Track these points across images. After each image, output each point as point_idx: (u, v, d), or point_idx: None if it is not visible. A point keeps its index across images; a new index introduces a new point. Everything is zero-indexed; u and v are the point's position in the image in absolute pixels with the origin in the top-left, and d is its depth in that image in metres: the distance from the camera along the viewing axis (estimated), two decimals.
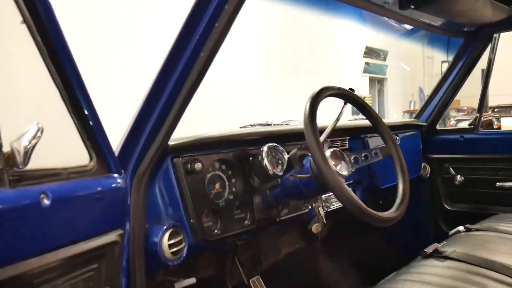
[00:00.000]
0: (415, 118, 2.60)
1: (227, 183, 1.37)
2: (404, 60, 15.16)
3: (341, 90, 1.32)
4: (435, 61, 16.27)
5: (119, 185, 0.99)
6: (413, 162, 2.34)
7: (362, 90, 12.57)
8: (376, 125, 1.39)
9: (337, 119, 1.37)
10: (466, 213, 2.36)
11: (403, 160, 1.35)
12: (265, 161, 1.35)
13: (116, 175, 0.99)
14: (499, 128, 8.03)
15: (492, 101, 12.65)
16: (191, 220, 1.21)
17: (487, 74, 2.34)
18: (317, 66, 10.47)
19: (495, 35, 2.24)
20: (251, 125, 2.54)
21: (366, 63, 12.64)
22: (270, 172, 1.35)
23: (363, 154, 1.35)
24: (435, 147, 2.47)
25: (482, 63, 2.35)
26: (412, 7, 1.74)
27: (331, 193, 1.48)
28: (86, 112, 0.90)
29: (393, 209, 1.23)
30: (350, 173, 1.26)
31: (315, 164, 1.16)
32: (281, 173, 1.37)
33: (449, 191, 2.45)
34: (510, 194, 2.25)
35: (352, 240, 2.36)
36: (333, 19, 11.32)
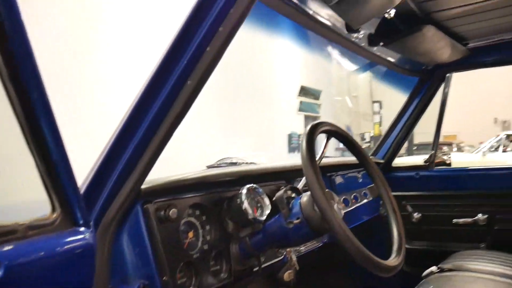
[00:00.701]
0: (371, 155, 2.59)
1: (200, 230, 1.20)
2: (334, 100, 15.84)
3: (335, 127, 1.23)
4: (366, 101, 17.18)
5: (86, 240, 0.79)
6: (371, 201, 2.30)
7: (299, 127, 12.84)
8: (365, 163, 1.31)
9: (322, 156, 1.27)
10: (426, 251, 2.34)
11: (394, 200, 1.27)
12: (245, 204, 1.20)
13: (83, 228, 0.79)
14: (449, 164, 8.51)
15: (416, 139, 13.54)
16: (164, 278, 1.02)
17: (440, 113, 2.40)
18: (256, 103, 10.56)
19: (448, 74, 2.32)
20: (218, 164, 2.38)
21: (301, 102, 12.99)
22: (250, 217, 1.21)
23: (353, 195, 1.25)
24: (391, 184, 2.45)
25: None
26: (381, 44, 1.75)
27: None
28: (50, 146, 0.70)
29: (393, 255, 1.13)
30: (342, 216, 1.15)
31: (318, 207, 1.03)
32: (262, 218, 1.23)
33: (407, 229, 2.43)
34: (466, 231, 2.27)
35: (324, 285, 2.24)
36: (272, 58, 11.62)
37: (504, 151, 10.00)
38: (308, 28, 1.53)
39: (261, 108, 10.90)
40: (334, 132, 1.24)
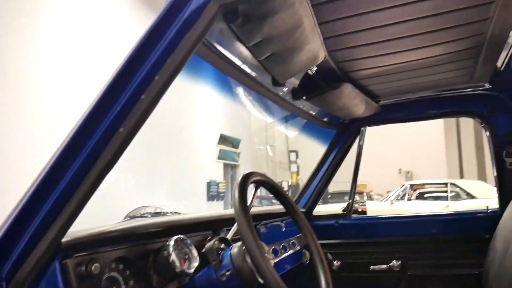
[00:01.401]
0: None
1: (123, 286, 1.12)
2: (253, 149, 16.18)
3: (265, 177, 1.25)
4: (283, 150, 17.73)
5: None
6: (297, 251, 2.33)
7: (218, 175, 12.83)
8: (293, 213, 1.33)
9: (251, 206, 1.28)
10: None
11: (321, 250, 1.30)
12: (172, 257, 1.15)
13: None
14: (364, 211, 8.88)
15: (330, 188, 14.14)
16: None
17: (356, 164, 2.54)
18: (175, 150, 10.43)
19: (362, 128, 2.49)
20: (141, 215, 2.26)
21: (221, 150, 13.10)
22: (178, 270, 1.16)
23: (282, 245, 1.26)
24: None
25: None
26: (304, 98, 1.85)
27: None
28: None
29: None
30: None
31: (252, 259, 1.01)
32: (190, 271, 1.18)
33: None
34: (382, 277, 2.37)
35: None
36: (193, 105, 11.65)
37: (408, 199, 10.77)
38: (235, 79, 1.57)
39: (180, 156, 10.79)
40: (265, 182, 1.25)
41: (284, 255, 1.28)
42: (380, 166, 17.91)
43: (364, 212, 8.85)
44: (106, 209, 5.61)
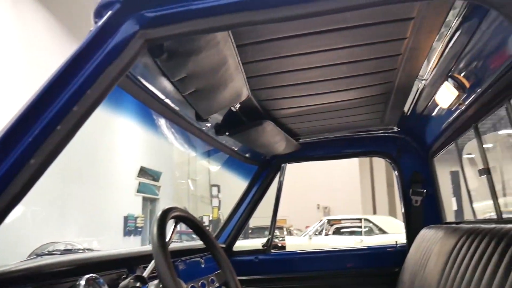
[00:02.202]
0: None
1: None
2: (174, 182, 15.86)
3: (186, 212, 1.23)
4: (204, 184, 17.57)
5: None
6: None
7: (136, 209, 12.33)
8: (213, 249, 1.32)
9: (170, 242, 1.24)
10: None
11: (240, 286, 1.29)
12: None
13: None
14: (284, 246, 8.92)
15: (250, 223, 14.19)
16: None
17: (276, 199, 2.60)
18: (91, 183, 9.90)
19: (283, 165, 2.56)
20: (50, 252, 2.09)
21: (140, 183, 12.67)
22: None
23: (200, 282, 1.24)
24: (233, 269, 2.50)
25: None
26: (227, 134, 1.88)
27: None
28: None
29: None
30: None
31: None
32: None
33: None
34: None
35: None
36: (112, 136, 11.22)
37: (326, 234, 11.10)
38: (159, 113, 1.56)
39: (97, 188, 10.27)
40: (185, 218, 1.23)
41: None
42: (299, 201, 18.35)
43: (283, 247, 8.95)
44: (8, 247, 5.13)
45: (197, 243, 2.23)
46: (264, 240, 2.60)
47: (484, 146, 1.80)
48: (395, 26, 1.31)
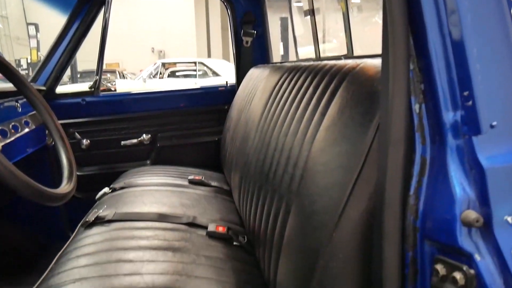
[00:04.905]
0: (30, 82, 2.34)
1: None
2: None
3: None
4: (19, 23, 15.21)
5: None
6: (36, 130, 2.13)
7: None
8: (24, 90, 1.16)
9: None
10: (98, 175, 2.39)
11: (61, 128, 1.20)
12: None
13: None
14: (115, 89, 8.51)
15: (80, 66, 13.21)
16: None
17: (102, 38, 2.36)
18: None
19: None
20: None
21: None
22: None
23: (11, 124, 1.10)
24: (57, 112, 2.33)
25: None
26: None
27: None
28: None
29: (64, 182, 1.07)
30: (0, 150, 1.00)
31: None
32: None
33: (77, 156, 2.40)
34: (133, 151, 2.44)
35: None
36: None
37: (160, 78, 11.06)
38: None
39: None
40: None
41: (16, 136, 1.13)
42: (133, 45, 17.53)
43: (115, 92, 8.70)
44: None
45: (8, 85, 1.97)
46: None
47: None
48: None
